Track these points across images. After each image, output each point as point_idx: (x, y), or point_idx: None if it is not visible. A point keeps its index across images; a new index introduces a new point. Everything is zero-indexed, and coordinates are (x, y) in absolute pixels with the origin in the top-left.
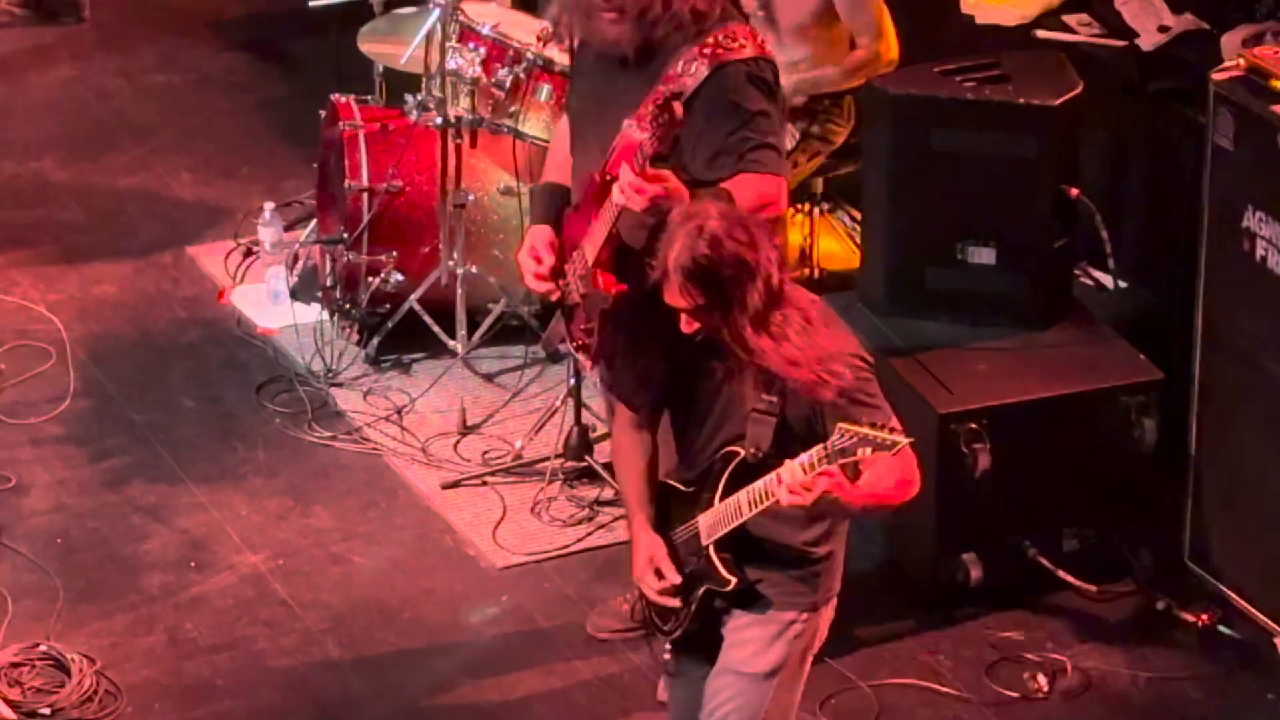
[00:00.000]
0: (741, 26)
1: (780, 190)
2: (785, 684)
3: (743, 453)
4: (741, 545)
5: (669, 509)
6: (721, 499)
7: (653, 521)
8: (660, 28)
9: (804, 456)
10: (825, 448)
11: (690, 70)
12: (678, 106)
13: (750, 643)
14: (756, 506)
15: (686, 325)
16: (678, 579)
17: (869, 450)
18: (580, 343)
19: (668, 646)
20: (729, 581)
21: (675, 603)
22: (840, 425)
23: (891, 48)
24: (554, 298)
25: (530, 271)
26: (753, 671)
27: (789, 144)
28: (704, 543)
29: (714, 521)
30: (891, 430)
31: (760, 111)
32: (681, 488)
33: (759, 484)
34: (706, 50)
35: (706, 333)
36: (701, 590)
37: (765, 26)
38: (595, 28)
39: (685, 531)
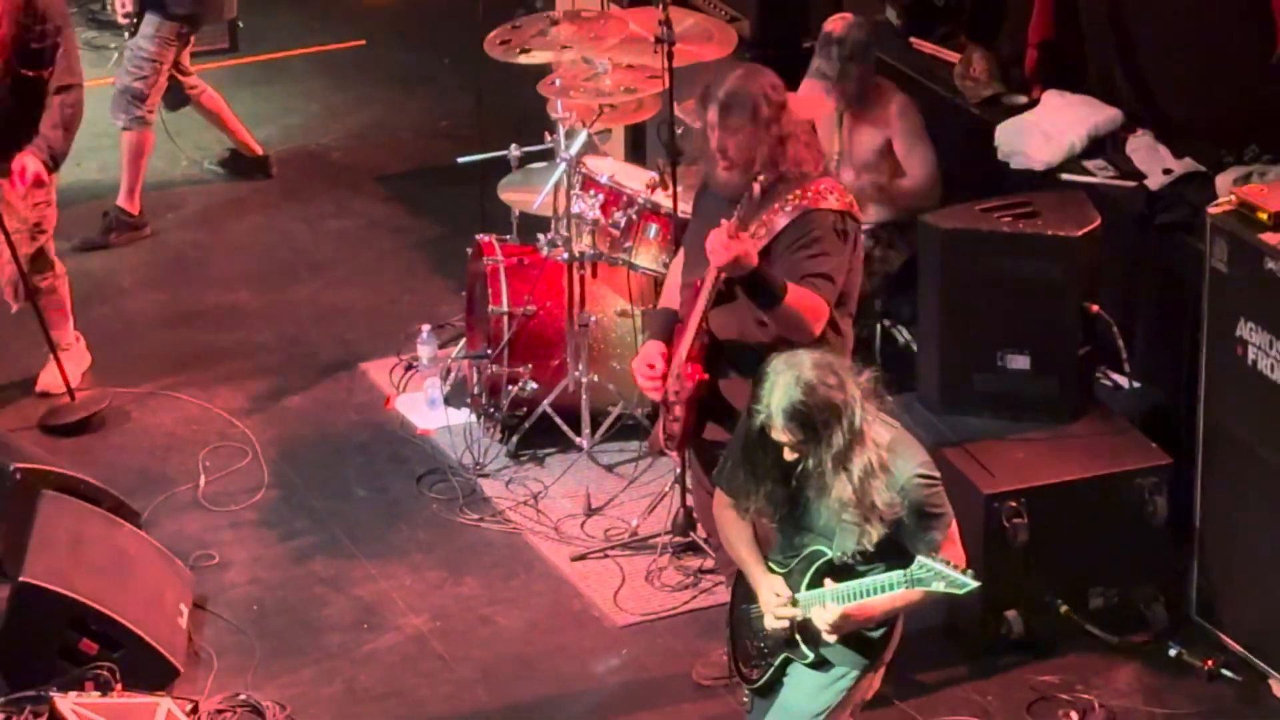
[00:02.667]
0: (835, 184)
1: (822, 311)
2: None
3: (829, 554)
4: (813, 624)
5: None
6: (806, 589)
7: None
8: (767, 179)
9: (832, 594)
10: (905, 575)
11: (785, 209)
12: (756, 187)
13: (806, 686)
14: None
15: (790, 455)
16: (789, 594)
17: (942, 585)
18: (669, 434)
19: (747, 692)
20: (808, 656)
21: (795, 612)
22: (920, 560)
23: (936, 184)
24: (659, 395)
25: (643, 376)
26: (801, 710)
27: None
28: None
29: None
30: (965, 571)
31: (832, 253)
32: (775, 569)
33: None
34: (808, 196)
35: (804, 462)
36: (781, 657)
37: (844, 165)
38: (713, 174)
39: None
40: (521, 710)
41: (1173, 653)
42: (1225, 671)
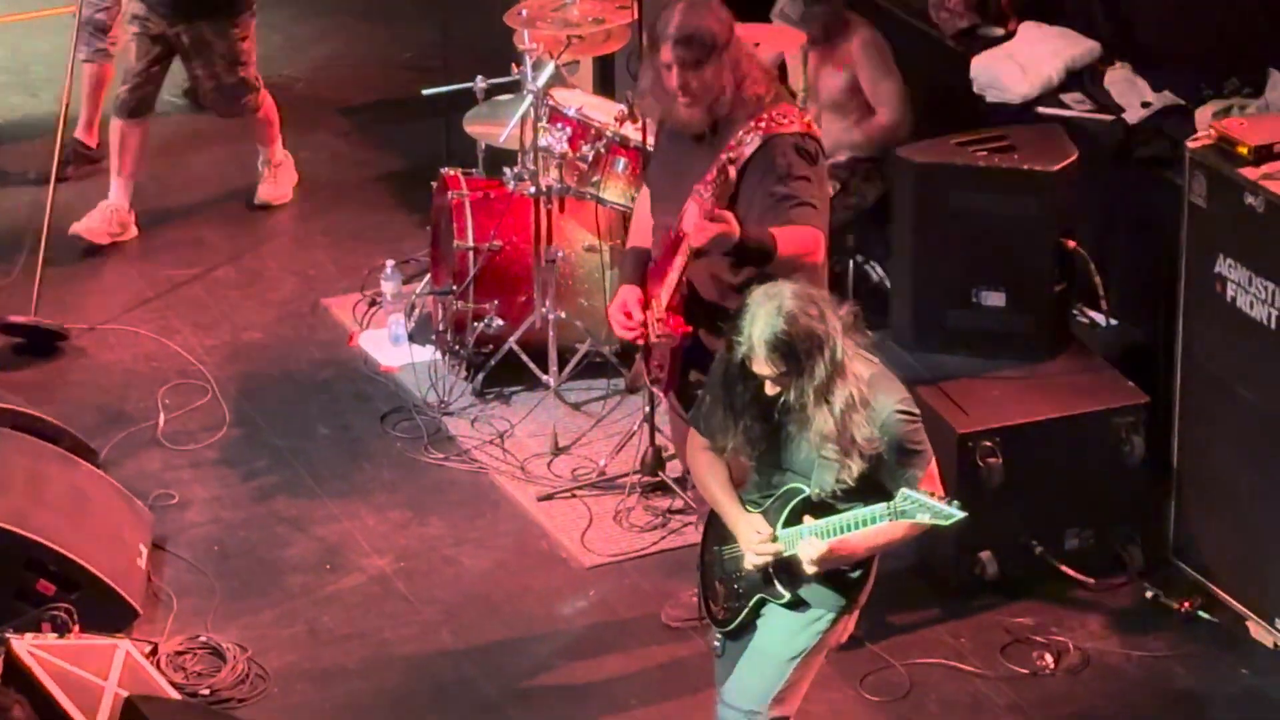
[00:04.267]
0: (791, 107)
1: (819, 241)
2: (803, 665)
3: (807, 491)
4: (791, 563)
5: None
6: (783, 527)
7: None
8: (726, 109)
9: (816, 526)
10: (888, 508)
11: (746, 140)
12: (732, 171)
13: (780, 630)
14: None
15: (770, 389)
16: (770, 531)
17: (928, 517)
18: (655, 377)
19: (718, 635)
20: (784, 596)
21: (778, 548)
22: (904, 491)
23: (906, 118)
24: (640, 342)
25: (620, 324)
26: (777, 654)
27: (830, 191)
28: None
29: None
30: (951, 501)
31: (803, 176)
32: (750, 509)
33: (810, 537)
34: (761, 124)
35: (785, 395)
36: (756, 598)
37: (810, 103)
38: (672, 111)
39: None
40: (486, 652)
41: (1149, 594)
42: (1203, 613)
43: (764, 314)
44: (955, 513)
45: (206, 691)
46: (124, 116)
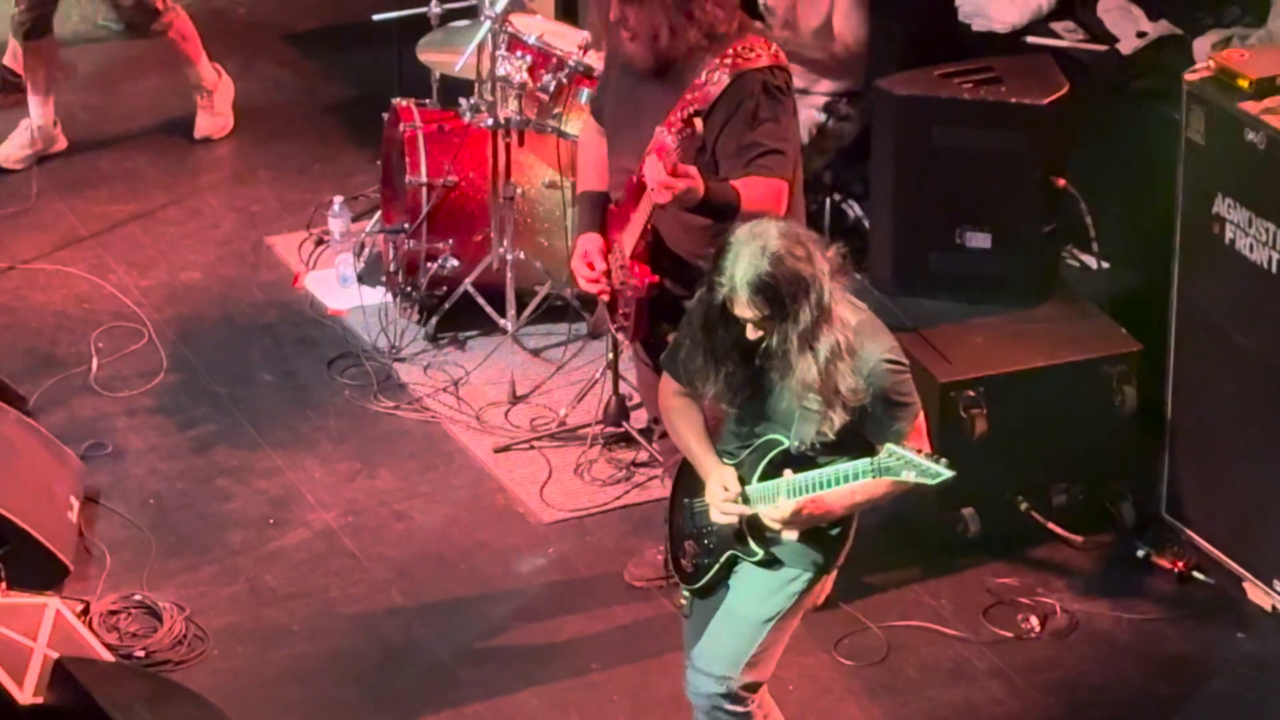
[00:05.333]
0: (758, 39)
1: (781, 194)
2: (778, 628)
3: (786, 443)
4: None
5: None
6: (759, 481)
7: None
8: (671, 49)
9: (788, 482)
10: (871, 463)
11: (713, 79)
12: (699, 123)
13: (755, 590)
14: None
15: (752, 333)
16: (738, 489)
17: (913, 475)
18: (620, 325)
19: (685, 593)
20: (756, 554)
21: (742, 509)
22: (889, 447)
23: (861, 59)
24: (605, 296)
25: (583, 277)
26: (751, 616)
27: (804, 138)
28: None
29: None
30: (938, 459)
31: (771, 118)
32: (726, 461)
33: (781, 498)
34: (727, 60)
35: (768, 340)
36: (728, 554)
37: (788, 31)
38: (616, 43)
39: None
40: (439, 612)
41: (1141, 554)
42: (1197, 574)
43: (748, 254)
44: (943, 472)
45: (141, 653)
46: (20, 38)
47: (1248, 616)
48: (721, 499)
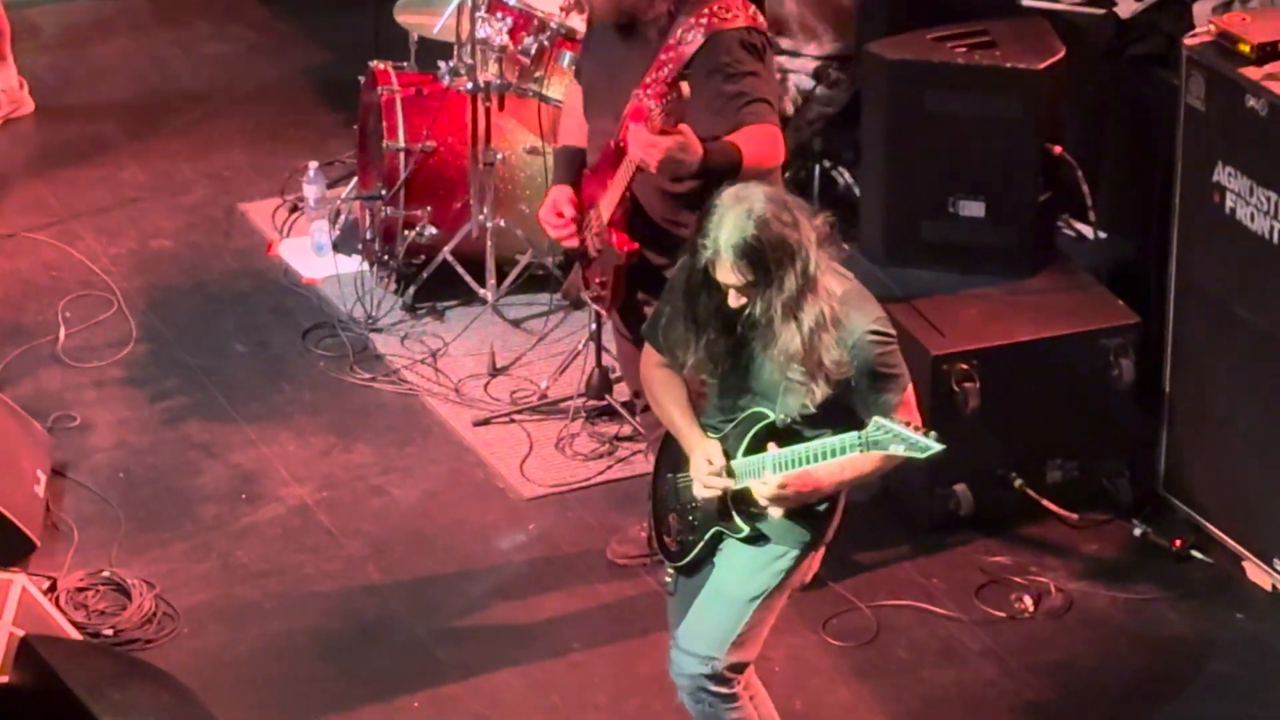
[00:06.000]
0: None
1: (778, 140)
2: (764, 606)
3: (771, 416)
4: (751, 493)
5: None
6: (744, 455)
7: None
8: (643, 10)
9: (773, 458)
10: (859, 437)
11: (687, 39)
12: (685, 87)
13: (740, 568)
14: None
15: (735, 300)
16: (723, 462)
17: (902, 449)
18: (596, 294)
19: (670, 571)
20: (742, 530)
21: (727, 483)
22: (877, 420)
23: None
24: (574, 244)
25: (551, 225)
26: (737, 594)
27: (789, 109)
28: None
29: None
30: (927, 433)
31: (751, 72)
32: (710, 434)
33: (768, 472)
34: (703, 20)
35: (751, 308)
36: (713, 530)
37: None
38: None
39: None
40: (416, 590)
41: (1138, 532)
42: (1195, 553)
43: (733, 217)
44: (932, 445)
45: (110, 631)
46: None
47: (1247, 597)
48: (706, 473)
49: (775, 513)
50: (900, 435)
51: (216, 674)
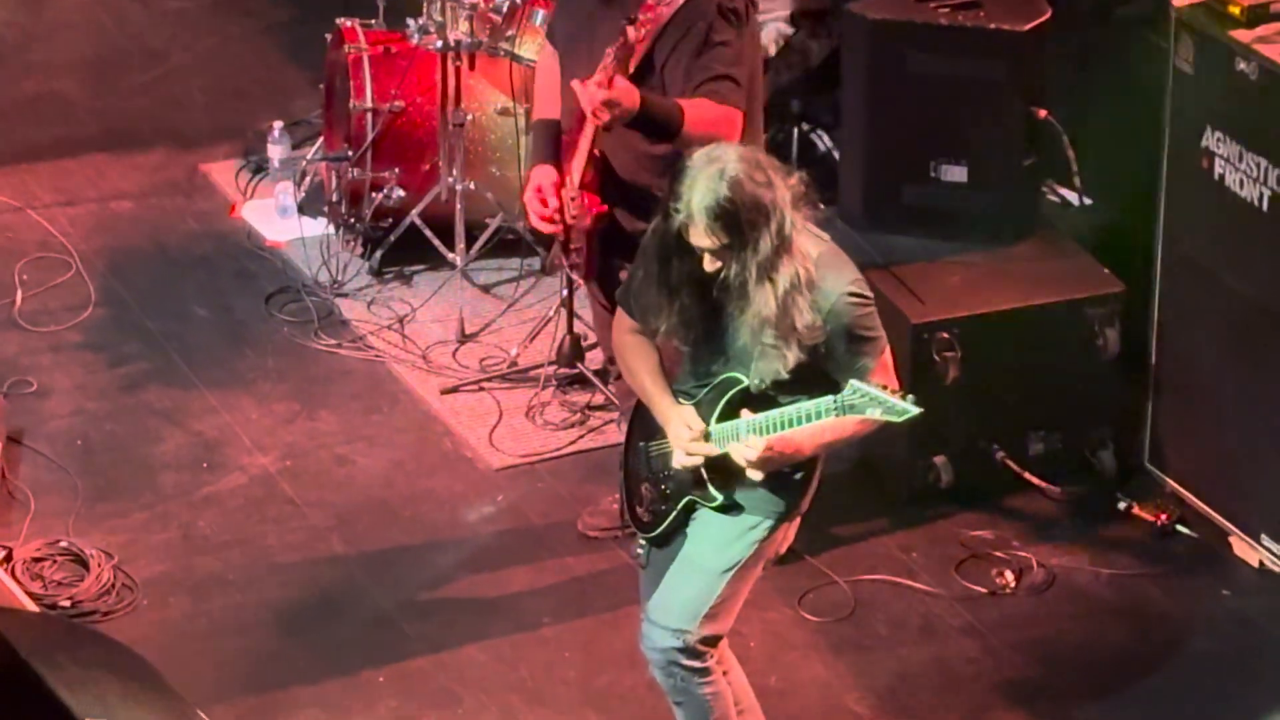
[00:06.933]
0: None
1: (733, 121)
2: (737, 578)
3: (746, 381)
4: (726, 461)
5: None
6: (717, 422)
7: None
8: None
9: (752, 421)
10: (835, 401)
11: (665, 0)
12: (631, 31)
13: (713, 539)
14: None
15: (709, 264)
16: (703, 426)
17: (879, 412)
18: (574, 263)
19: (641, 542)
20: (716, 499)
21: (710, 448)
22: (853, 383)
23: None
24: (560, 235)
25: (536, 213)
26: (710, 566)
27: (772, 50)
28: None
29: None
30: (905, 395)
31: (724, 42)
32: (682, 401)
33: (748, 435)
34: None
35: (725, 271)
36: (685, 500)
37: None
38: None
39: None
40: (382, 562)
41: (1122, 505)
42: (1180, 527)
43: (705, 178)
44: (910, 408)
45: (67, 603)
46: None
47: (1233, 572)
48: (688, 438)
49: (755, 476)
50: (877, 398)
51: (176, 646)
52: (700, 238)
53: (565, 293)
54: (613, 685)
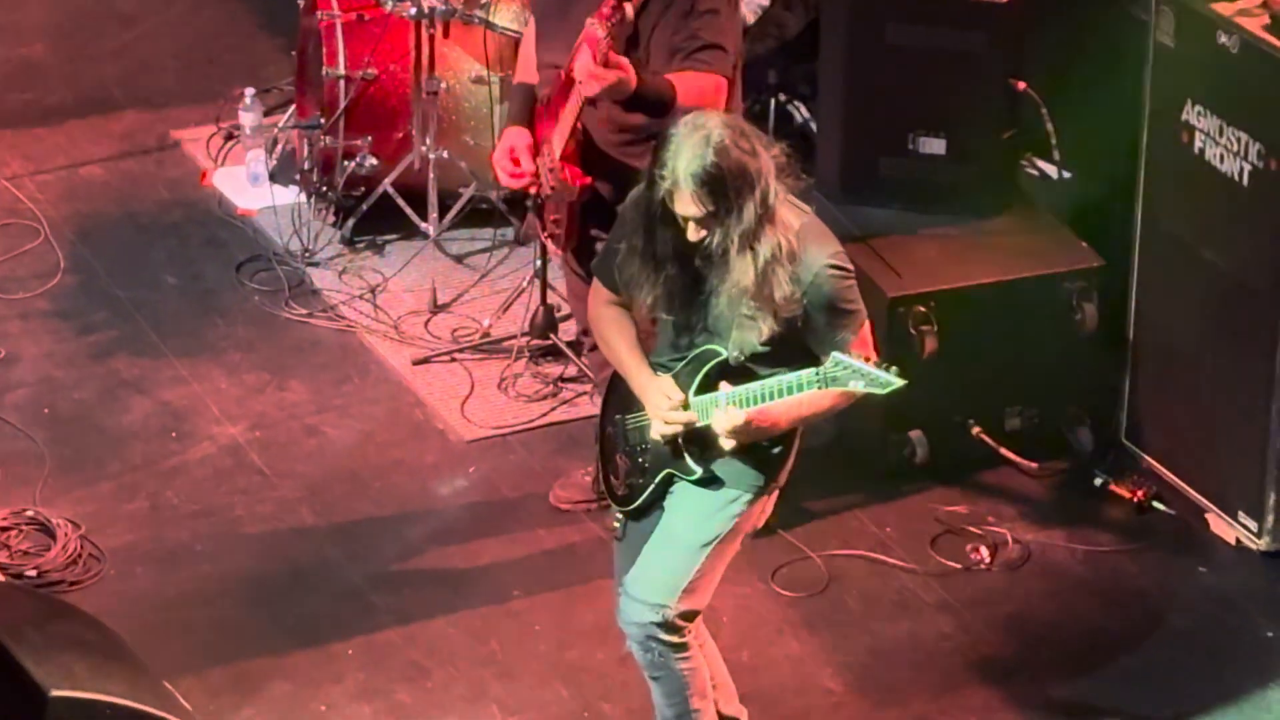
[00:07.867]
0: None
1: (721, 90)
2: (716, 553)
3: (724, 354)
4: (705, 433)
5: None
6: (696, 395)
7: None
8: None
9: (733, 392)
10: (816, 374)
11: None
12: (629, 8)
13: (691, 513)
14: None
15: (694, 233)
16: (682, 396)
17: (861, 385)
18: (551, 233)
19: (618, 515)
20: (695, 472)
21: (690, 417)
22: (835, 355)
23: None
24: (534, 190)
25: (506, 171)
26: (688, 540)
27: (749, 19)
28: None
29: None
30: (888, 367)
31: (710, 10)
32: (658, 373)
33: (727, 406)
34: None
35: (709, 240)
36: (663, 473)
37: None
38: None
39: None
40: (351, 533)
41: (1098, 482)
42: (1157, 504)
43: (691, 145)
44: (893, 380)
45: (33, 573)
46: None
47: (1210, 549)
48: (668, 408)
49: (729, 445)
50: (860, 371)
51: (143, 617)
52: (685, 205)
53: (539, 263)
54: (583, 659)
